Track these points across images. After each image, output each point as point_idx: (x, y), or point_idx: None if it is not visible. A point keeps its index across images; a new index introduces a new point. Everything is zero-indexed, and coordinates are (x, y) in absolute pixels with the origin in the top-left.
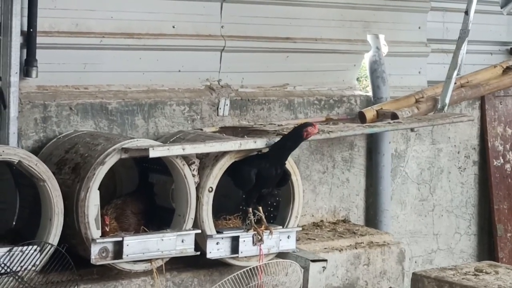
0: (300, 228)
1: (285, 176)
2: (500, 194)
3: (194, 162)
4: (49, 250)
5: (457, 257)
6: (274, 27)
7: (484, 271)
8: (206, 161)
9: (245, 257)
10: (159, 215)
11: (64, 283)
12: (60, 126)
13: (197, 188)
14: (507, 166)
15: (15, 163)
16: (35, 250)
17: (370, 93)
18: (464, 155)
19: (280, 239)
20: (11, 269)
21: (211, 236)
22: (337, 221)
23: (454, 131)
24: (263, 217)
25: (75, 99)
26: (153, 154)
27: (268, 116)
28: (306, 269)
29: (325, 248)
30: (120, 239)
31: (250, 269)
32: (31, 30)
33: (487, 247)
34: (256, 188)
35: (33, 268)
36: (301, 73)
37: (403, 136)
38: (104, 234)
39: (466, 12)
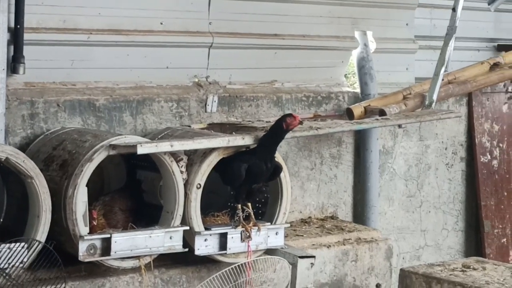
0: (288, 225)
1: (277, 170)
2: (487, 190)
3: (182, 159)
4: (36, 247)
5: (445, 253)
6: (262, 23)
7: (471, 267)
8: (194, 158)
9: (233, 253)
10: (147, 212)
11: (52, 280)
12: (48, 122)
13: (185, 185)
14: (494, 162)
15: (3, 160)
16: (22, 247)
17: (358, 90)
18: (451, 151)
19: (268, 235)
20: None
21: (199, 233)
22: (325, 218)
23: (441, 128)
24: (252, 213)
25: (62, 95)
26: (141, 150)
27: (256, 112)
28: (294, 266)
29: (313, 245)
30: (108, 236)
31: (238, 265)
32: (18, 26)
33: (475, 243)
34: (246, 184)
35: (21, 265)
36: (289, 69)
37: (390, 132)
38: (92, 229)
39: (454, 9)
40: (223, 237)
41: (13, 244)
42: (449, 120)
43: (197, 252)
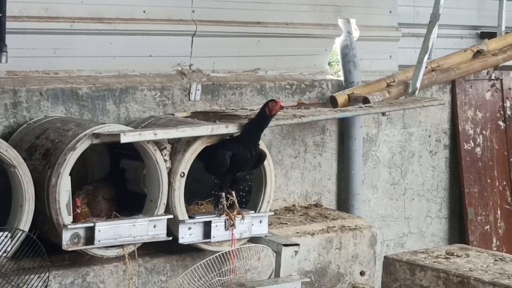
0: (272, 213)
1: (260, 157)
2: (471, 177)
3: (165, 147)
4: (20, 237)
5: (428, 241)
6: (245, 11)
7: (455, 254)
8: (177, 146)
9: (217, 242)
10: (130, 201)
11: (36, 269)
12: (31, 111)
13: (169, 174)
14: (478, 149)
15: None
16: (6, 236)
17: (341, 78)
18: (435, 139)
19: (252, 223)
20: None
21: (183, 221)
22: (309, 206)
23: (425, 115)
24: (236, 201)
25: (45, 84)
26: (124, 139)
27: (239, 100)
28: (278, 254)
29: (297, 233)
30: (91, 224)
31: (222, 254)
32: (0, 15)
33: (458, 231)
34: (231, 172)
35: (4, 254)
36: (272, 57)
37: (374, 120)
38: (75, 217)
39: None
40: (207, 226)
41: None
42: (433, 107)
43: (181, 241)
